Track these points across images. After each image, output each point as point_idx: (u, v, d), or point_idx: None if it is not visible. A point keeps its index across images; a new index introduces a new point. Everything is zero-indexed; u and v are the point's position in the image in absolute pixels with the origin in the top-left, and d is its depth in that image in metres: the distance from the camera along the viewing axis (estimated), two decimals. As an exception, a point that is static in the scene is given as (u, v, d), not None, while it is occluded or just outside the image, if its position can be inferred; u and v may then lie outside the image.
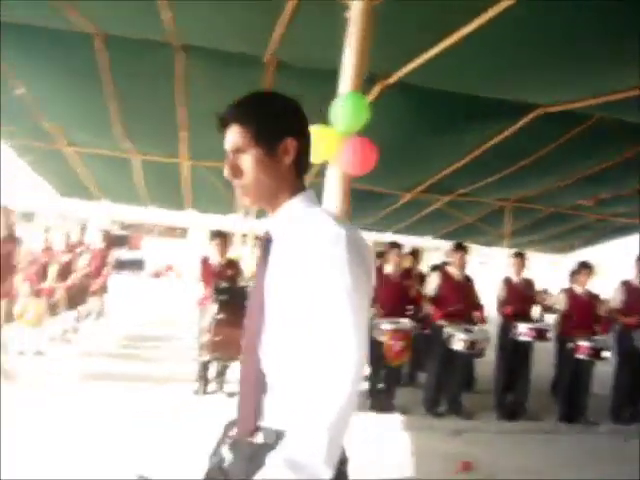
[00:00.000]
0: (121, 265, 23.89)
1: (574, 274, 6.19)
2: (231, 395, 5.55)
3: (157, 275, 25.69)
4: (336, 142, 3.32)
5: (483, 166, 10.50)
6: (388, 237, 16.50)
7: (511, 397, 5.98)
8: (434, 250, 15.86)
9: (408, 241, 18.58)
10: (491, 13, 4.72)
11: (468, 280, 5.83)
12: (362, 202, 12.55)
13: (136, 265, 25.73)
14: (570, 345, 5.75)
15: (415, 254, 7.80)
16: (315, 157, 3.41)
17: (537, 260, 19.40)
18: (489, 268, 25.66)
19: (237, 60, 6.33)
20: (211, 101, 6.96)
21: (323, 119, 3.42)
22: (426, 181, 11.56)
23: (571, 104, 8.18)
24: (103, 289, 9.87)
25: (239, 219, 10.69)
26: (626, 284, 6.20)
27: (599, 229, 15.35)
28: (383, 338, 5.32)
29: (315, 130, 3.34)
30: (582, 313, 5.90)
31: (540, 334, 5.63)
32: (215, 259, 5.62)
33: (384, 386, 5.68)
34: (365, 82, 7.38)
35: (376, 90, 7.30)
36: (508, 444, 5.07)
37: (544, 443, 5.20)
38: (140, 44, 6.10)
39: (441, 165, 10.71)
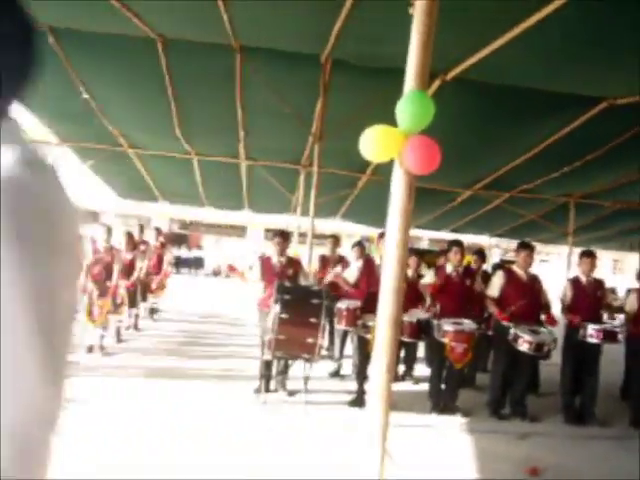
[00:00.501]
0: (181, 263, 24.59)
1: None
2: (292, 394, 5.62)
3: (216, 273, 26.19)
4: (400, 141, 3.29)
5: (546, 161, 10.24)
6: (445, 235, 16.30)
7: (578, 400, 5.78)
8: (493, 248, 15.51)
9: (465, 239, 18.35)
10: (553, 6, 4.61)
11: (535, 279, 5.66)
12: (420, 199, 12.44)
13: (196, 263, 26.34)
14: (642, 348, 5.54)
15: (481, 253, 7.68)
16: (380, 155, 3.42)
17: (600, 257, 18.74)
18: (550, 266, 25.02)
19: (294, 59, 6.40)
20: (268, 101, 7.09)
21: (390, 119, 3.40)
22: (486, 178, 11.37)
23: (638, 96, 7.88)
24: (163, 287, 10.15)
25: (294, 218, 10.77)
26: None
27: (670, 226, 14.68)
28: (445, 340, 5.24)
29: (380, 129, 3.34)
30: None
31: (609, 336, 5.41)
32: (275, 258, 5.67)
33: (446, 387, 5.60)
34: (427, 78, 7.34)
35: (435, 85, 7.23)
36: (576, 449, 4.91)
37: (614, 449, 5.01)
38: (199, 47, 6.26)
39: (502, 161, 10.51)
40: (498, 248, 20.85)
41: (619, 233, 15.48)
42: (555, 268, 20.70)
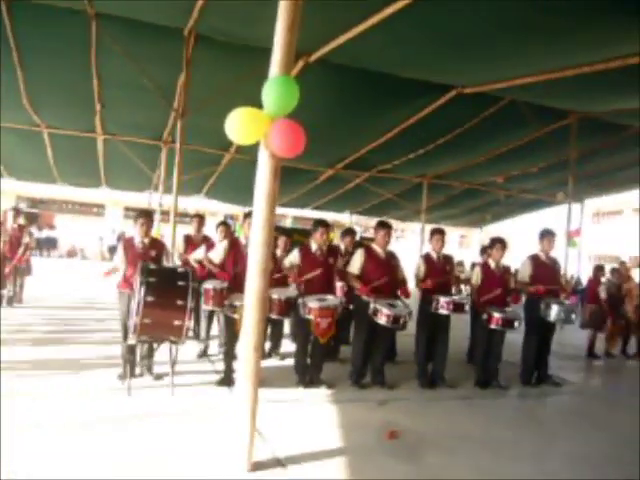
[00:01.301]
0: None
1: (488, 249, 6.53)
2: (159, 377, 5.51)
3: (71, 255, 24.62)
4: (266, 124, 3.32)
5: (402, 144, 10.83)
6: (308, 213, 16.67)
7: (431, 367, 6.28)
8: (353, 225, 16.15)
9: (328, 216, 18.89)
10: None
11: (392, 256, 6.01)
12: (283, 178, 12.59)
13: (49, 244, 24.55)
14: (484, 316, 6.12)
15: (351, 232, 7.96)
16: (246, 138, 3.43)
17: (449, 234, 20.25)
18: (406, 242, 26.59)
19: (156, 31, 6.14)
20: (128, 73, 6.75)
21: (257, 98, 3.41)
22: (347, 158, 11.77)
23: (484, 86, 8.58)
24: (24, 271, 9.45)
25: (156, 196, 10.41)
26: (534, 258, 6.62)
27: (508, 204, 16.24)
28: (310, 316, 5.42)
29: (245, 111, 3.35)
30: (495, 286, 6.26)
31: (458, 307, 5.92)
32: (138, 239, 5.47)
33: (311, 362, 5.80)
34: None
35: (299, 66, 7.31)
36: (430, 411, 5.35)
37: (463, 407, 5.54)
38: (50, 10, 5.78)
39: (362, 142, 10.93)
40: (358, 226, 21.73)
41: (466, 211, 16.85)
42: (410, 244, 22.12)
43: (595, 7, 5.09)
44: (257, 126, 3.32)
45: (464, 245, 30.10)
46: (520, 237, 22.30)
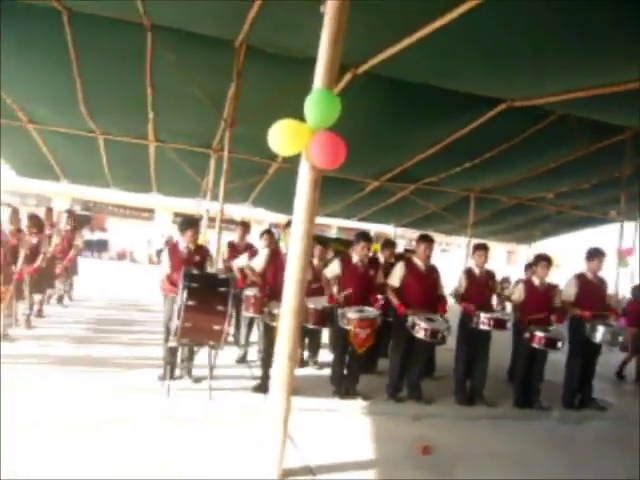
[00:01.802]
0: (85, 246, 23.59)
1: (532, 266, 6.40)
2: (198, 380, 5.63)
3: (121, 257, 25.36)
4: (307, 136, 3.38)
5: (449, 157, 10.73)
6: (353, 224, 16.67)
7: (469, 384, 6.19)
8: (398, 237, 16.07)
9: (372, 228, 18.85)
10: (458, 11, 4.86)
11: (433, 270, 5.97)
12: (330, 188, 12.66)
13: (100, 246, 25.36)
14: (526, 335, 5.99)
15: (391, 244, 7.95)
16: (287, 149, 3.49)
17: (496, 249, 19.88)
18: (451, 256, 26.25)
19: (208, 42, 6.32)
20: (180, 83, 6.95)
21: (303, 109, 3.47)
22: (393, 170, 11.75)
23: (535, 100, 8.44)
24: (72, 271, 9.82)
25: (204, 203, 10.63)
26: (580, 277, 6.45)
27: (558, 221, 15.85)
28: (349, 327, 5.44)
29: (288, 123, 3.42)
30: (539, 304, 6.13)
31: (499, 323, 5.83)
32: (183, 245, 5.62)
33: (348, 372, 5.81)
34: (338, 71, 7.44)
35: (346, 79, 7.37)
36: (465, 428, 5.27)
37: (498, 427, 5.43)
38: (108, 22, 6.02)
39: (408, 155, 10.89)
40: (403, 238, 21.61)
41: (513, 227, 16.52)
42: (455, 258, 21.82)
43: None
44: (299, 138, 3.38)
45: (511, 261, 29.49)
46: (571, 255, 21.69)
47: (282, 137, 3.41)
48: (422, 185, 12.72)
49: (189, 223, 5.71)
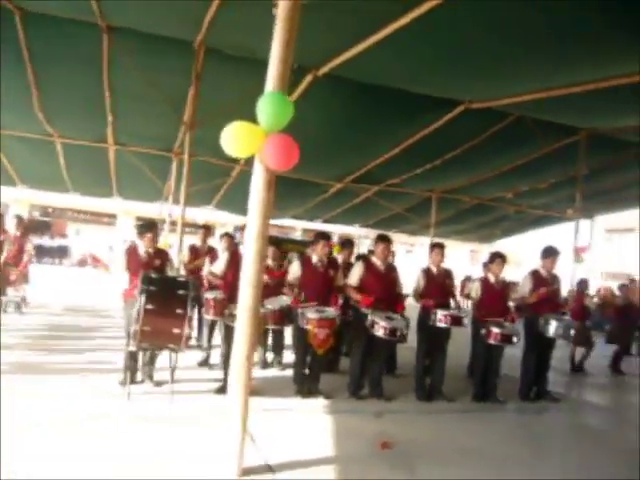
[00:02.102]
0: (44, 253, 23.05)
1: (488, 264, 6.56)
2: (159, 384, 5.60)
3: (83, 263, 24.89)
4: (260, 139, 3.42)
5: (410, 158, 10.88)
6: (318, 226, 16.75)
7: (429, 380, 6.31)
8: (362, 238, 16.20)
9: (337, 229, 18.95)
10: (418, 12, 4.95)
11: (392, 270, 6.07)
12: (293, 191, 12.72)
13: (61, 252, 24.83)
14: (483, 331, 6.14)
15: (349, 243, 7.98)
16: (241, 151, 3.53)
17: (460, 249, 20.25)
18: (415, 256, 26.55)
19: (166, 44, 6.29)
20: (139, 85, 6.89)
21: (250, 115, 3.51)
22: (356, 172, 11.86)
23: (492, 102, 8.63)
24: (23, 278, 9.58)
25: (166, 206, 10.56)
26: (534, 274, 6.64)
27: (517, 220, 16.22)
28: (308, 326, 5.49)
29: (241, 125, 3.45)
30: (495, 301, 6.29)
31: (456, 320, 5.95)
32: (142, 249, 5.60)
33: (309, 372, 5.86)
34: (295, 73, 7.51)
35: (307, 81, 7.42)
36: (426, 423, 5.38)
37: (458, 421, 5.56)
38: (62, 23, 5.94)
39: (370, 156, 11.00)
40: (367, 238, 21.77)
41: (475, 226, 16.82)
42: (419, 258, 22.10)
43: (605, 24, 5.14)
44: (252, 140, 3.42)
45: (475, 260, 30.00)
46: (531, 253, 22.19)
47: (235, 139, 3.44)
48: (385, 186, 12.86)
49: (148, 227, 5.69)
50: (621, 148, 10.98)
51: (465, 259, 21.56)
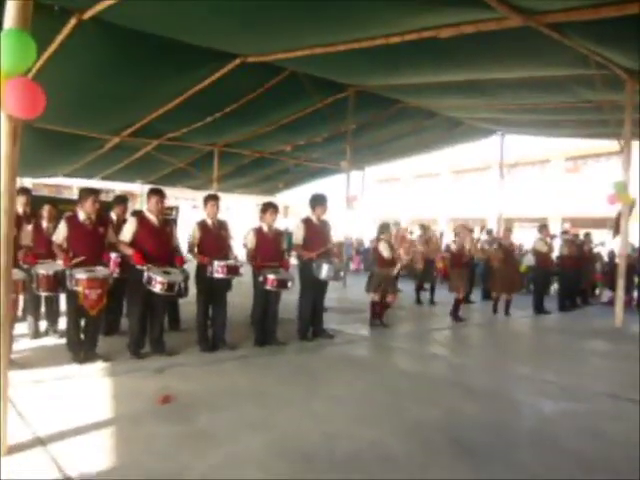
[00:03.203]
0: None
1: (261, 213, 6.77)
2: None
3: None
4: (-1, 83, 3.05)
5: (191, 111, 10.71)
6: (96, 184, 15.69)
7: (211, 331, 6.43)
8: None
9: (118, 186, 17.99)
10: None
11: (166, 224, 5.95)
12: (64, 146, 11.72)
13: None
14: (260, 279, 6.40)
15: (123, 200, 7.56)
16: (-26, 98, 3.11)
17: (245, 202, 20.59)
18: (202, 212, 26.20)
19: None
20: None
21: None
22: (134, 125, 11.31)
23: (266, 56, 8.81)
24: None
25: None
26: (306, 222, 7.05)
27: (297, 173, 17.03)
28: (78, 288, 5.18)
29: (-28, 69, 3.04)
30: (269, 249, 6.56)
31: (232, 270, 6.08)
32: None
33: (85, 336, 5.58)
34: (57, 16, 6.82)
35: (71, 24, 6.80)
36: (209, 373, 5.48)
37: (240, 367, 5.76)
38: None
39: (147, 109, 10.59)
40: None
41: (259, 179, 17.27)
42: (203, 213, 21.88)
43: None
44: (-12, 84, 3.03)
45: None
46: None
47: (-31, 83, 3.02)
48: (166, 140, 12.52)
49: None
50: (386, 105, 12.08)
51: (251, 212, 22.00)
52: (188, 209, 22.41)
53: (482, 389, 5.41)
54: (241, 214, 16.49)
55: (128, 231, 5.68)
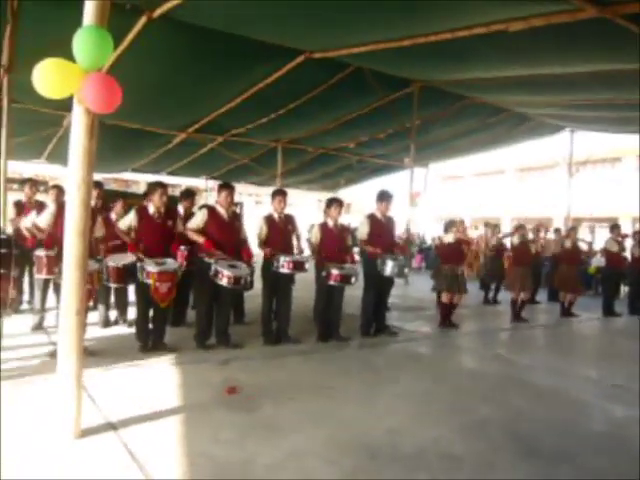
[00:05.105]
0: None
1: (326, 209, 6.77)
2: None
3: None
4: (78, 78, 3.16)
5: (255, 107, 10.79)
6: (163, 179, 16.13)
7: (275, 325, 6.48)
8: (210, 191, 15.95)
9: (183, 182, 18.43)
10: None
11: (235, 217, 6.03)
12: (133, 142, 12.08)
13: None
14: (324, 274, 6.39)
15: (190, 194, 7.77)
16: (56, 92, 3.24)
17: (307, 198, 20.75)
18: (265, 207, 26.60)
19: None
20: None
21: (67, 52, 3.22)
22: (200, 121, 11.53)
23: (331, 52, 8.76)
24: None
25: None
26: (371, 217, 7.00)
27: (360, 169, 16.91)
28: (149, 280, 5.32)
29: (54, 63, 3.15)
30: (334, 244, 6.55)
31: (298, 266, 6.10)
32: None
33: (153, 327, 5.73)
34: (128, 14, 7.02)
35: (142, 22, 6.97)
36: (272, 367, 5.53)
37: (304, 362, 5.78)
38: None
39: (213, 105, 10.74)
40: (214, 191, 21.50)
41: (321, 176, 17.28)
42: (269, 208, 22.20)
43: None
44: (68, 79, 3.15)
45: (322, 208, 30.82)
46: (373, 201, 23.35)
47: (48, 78, 3.14)
48: (230, 137, 12.68)
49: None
50: (451, 101, 11.81)
51: (313, 208, 22.10)
52: (252, 205, 22.79)
53: (548, 390, 5.23)
54: (303, 210, 16.61)
55: (200, 220, 5.79)
